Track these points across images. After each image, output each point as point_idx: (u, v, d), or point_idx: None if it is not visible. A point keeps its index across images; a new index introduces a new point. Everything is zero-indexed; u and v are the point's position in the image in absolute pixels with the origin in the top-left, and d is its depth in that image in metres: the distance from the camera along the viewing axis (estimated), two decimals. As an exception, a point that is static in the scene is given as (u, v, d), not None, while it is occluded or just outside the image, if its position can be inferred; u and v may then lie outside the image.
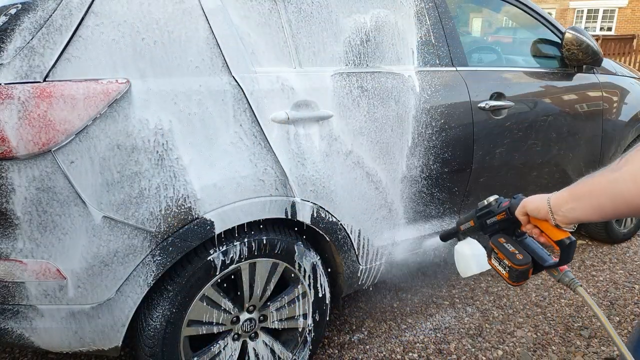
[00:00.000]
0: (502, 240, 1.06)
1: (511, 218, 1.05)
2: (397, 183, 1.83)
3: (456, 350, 2.00)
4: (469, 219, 1.18)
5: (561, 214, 0.90)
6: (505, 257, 1.03)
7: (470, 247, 1.30)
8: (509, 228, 1.07)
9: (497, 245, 1.06)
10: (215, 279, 1.50)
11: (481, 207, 1.14)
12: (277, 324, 1.71)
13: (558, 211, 0.90)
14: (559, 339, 2.09)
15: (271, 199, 1.52)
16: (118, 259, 1.32)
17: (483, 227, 1.13)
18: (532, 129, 2.22)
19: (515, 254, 1.02)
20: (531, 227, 1.00)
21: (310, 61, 1.61)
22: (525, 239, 1.06)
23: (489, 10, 2.21)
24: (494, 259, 1.08)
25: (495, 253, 1.07)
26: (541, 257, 1.01)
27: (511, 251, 1.03)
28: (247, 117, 1.45)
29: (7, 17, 1.22)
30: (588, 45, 2.32)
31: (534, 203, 0.96)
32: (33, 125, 1.18)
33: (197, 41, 1.38)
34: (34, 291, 1.30)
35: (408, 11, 1.87)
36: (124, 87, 1.26)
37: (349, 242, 1.76)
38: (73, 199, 1.25)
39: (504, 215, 1.07)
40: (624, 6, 19.06)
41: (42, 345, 1.37)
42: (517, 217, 1.02)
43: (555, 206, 0.91)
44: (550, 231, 0.95)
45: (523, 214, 1.00)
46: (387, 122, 1.74)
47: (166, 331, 1.45)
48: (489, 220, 1.11)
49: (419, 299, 2.38)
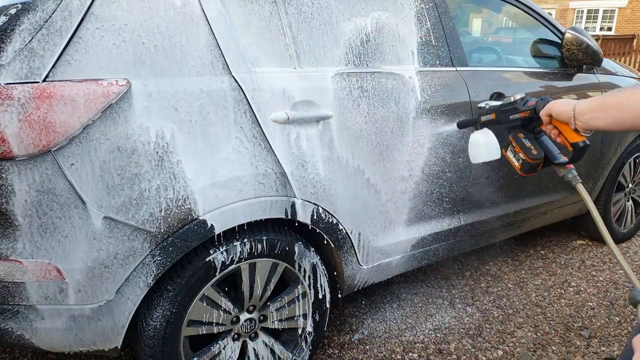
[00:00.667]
0: (521, 136, 1.18)
1: (534, 117, 1.15)
2: (397, 183, 1.83)
3: (456, 350, 2.00)
4: (491, 112, 1.28)
5: (583, 120, 0.99)
6: (521, 150, 1.16)
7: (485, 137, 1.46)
8: (528, 125, 1.18)
9: (515, 139, 1.19)
10: (215, 279, 1.50)
11: (506, 102, 1.23)
12: (277, 324, 1.71)
13: (581, 117, 1.00)
14: (559, 339, 2.09)
15: (271, 199, 1.52)
16: (118, 260, 1.32)
17: (504, 122, 1.23)
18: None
19: (531, 149, 1.15)
20: (551, 128, 1.10)
21: (310, 61, 1.61)
22: (542, 136, 1.17)
23: (489, 11, 2.21)
24: (510, 150, 1.21)
25: (512, 146, 1.19)
26: (553, 154, 1.14)
27: (528, 146, 1.16)
28: (248, 118, 1.45)
29: (7, 17, 1.22)
30: (588, 46, 2.32)
31: (560, 107, 1.05)
32: (33, 126, 1.18)
33: (198, 45, 1.38)
34: (34, 291, 1.30)
35: (408, 11, 1.87)
36: (123, 88, 1.26)
37: (349, 242, 1.76)
38: (73, 200, 1.25)
39: (528, 114, 1.17)
40: (624, 6, 19.06)
41: (42, 346, 1.37)
42: (541, 116, 1.11)
43: (579, 113, 1.00)
44: (568, 134, 1.07)
45: (547, 114, 1.09)
46: (387, 122, 1.74)
47: (166, 331, 1.45)
48: (512, 116, 1.20)
49: (419, 299, 2.38)
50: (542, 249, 3.00)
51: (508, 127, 1.21)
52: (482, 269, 2.71)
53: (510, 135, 1.20)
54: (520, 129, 1.19)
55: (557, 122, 1.07)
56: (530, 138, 1.17)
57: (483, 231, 2.25)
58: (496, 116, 1.25)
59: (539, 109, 1.12)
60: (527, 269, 2.73)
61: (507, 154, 1.22)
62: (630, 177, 2.97)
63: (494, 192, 2.20)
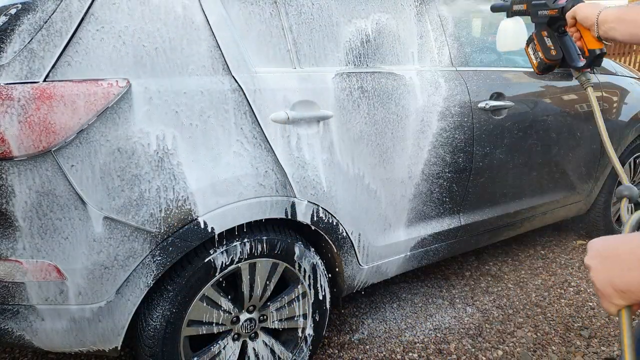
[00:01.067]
0: (544, 34, 1.20)
1: (560, 17, 1.16)
2: (397, 183, 1.83)
3: (456, 350, 2.00)
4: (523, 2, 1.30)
5: (604, 28, 1.02)
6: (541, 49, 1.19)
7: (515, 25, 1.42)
8: (554, 24, 1.19)
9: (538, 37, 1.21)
10: (215, 279, 1.50)
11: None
12: (277, 324, 1.71)
13: (602, 25, 1.03)
14: (559, 339, 2.09)
15: (271, 199, 1.52)
16: (118, 260, 1.32)
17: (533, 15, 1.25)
18: (532, 129, 2.22)
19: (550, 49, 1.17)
20: (574, 30, 1.13)
21: (310, 61, 1.61)
22: (565, 36, 1.19)
23: (489, 10, 2.21)
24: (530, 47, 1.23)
25: (534, 43, 1.21)
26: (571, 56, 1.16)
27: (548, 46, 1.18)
28: (248, 119, 1.45)
29: (7, 17, 1.22)
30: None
31: (586, 12, 1.08)
32: (32, 126, 1.18)
33: (199, 47, 1.38)
34: (34, 292, 1.30)
35: (408, 12, 1.87)
36: (123, 89, 1.26)
37: (349, 242, 1.76)
38: (73, 200, 1.25)
39: (555, 12, 1.18)
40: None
41: (42, 346, 1.37)
42: (567, 18, 1.14)
43: (602, 21, 1.03)
44: (588, 39, 1.09)
45: (572, 17, 1.12)
46: (387, 122, 1.74)
47: (166, 331, 1.45)
48: (541, 12, 1.22)
49: (419, 299, 2.38)
50: (542, 249, 3.00)
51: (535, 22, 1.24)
52: (482, 269, 2.71)
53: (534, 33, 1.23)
54: (546, 26, 1.21)
55: (580, 26, 1.10)
56: (553, 37, 1.19)
57: (483, 231, 2.25)
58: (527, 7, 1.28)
59: (567, 9, 1.14)
60: (527, 269, 2.73)
61: (527, 50, 1.25)
62: (631, 176, 2.97)
63: (494, 192, 2.20)
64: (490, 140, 2.06)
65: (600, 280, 0.60)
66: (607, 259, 0.59)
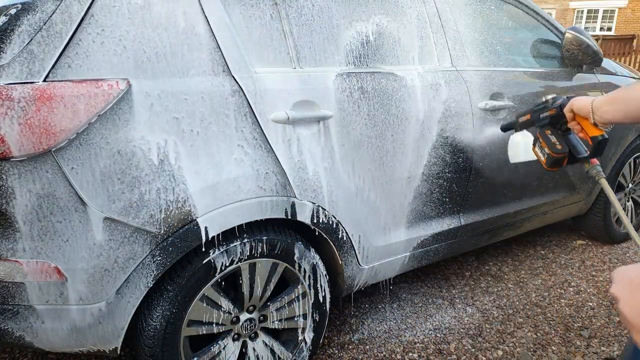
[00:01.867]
0: (548, 132, 1.26)
1: (560, 114, 1.23)
2: (398, 183, 1.83)
3: (456, 350, 2.00)
4: (526, 113, 1.37)
5: (599, 113, 1.08)
6: (546, 145, 1.24)
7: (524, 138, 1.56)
8: (557, 123, 1.26)
9: (542, 135, 1.27)
10: (215, 279, 1.50)
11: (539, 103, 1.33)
12: (277, 324, 1.71)
13: (597, 111, 1.08)
14: (559, 339, 2.09)
15: (271, 200, 1.52)
16: (118, 260, 1.32)
17: (536, 120, 1.32)
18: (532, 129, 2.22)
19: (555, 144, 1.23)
20: (574, 124, 1.19)
21: (311, 62, 1.61)
22: (569, 134, 1.25)
23: (489, 10, 2.21)
24: (537, 147, 1.29)
25: (539, 142, 1.27)
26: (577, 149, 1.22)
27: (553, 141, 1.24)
28: (248, 120, 1.45)
29: (7, 18, 1.22)
30: (588, 46, 2.33)
31: (581, 103, 1.15)
32: (32, 126, 1.18)
33: (200, 50, 1.38)
34: (34, 292, 1.30)
35: (409, 12, 1.87)
36: (123, 90, 1.26)
37: (349, 242, 1.76)
38: (74, 201, 1.25)
39: (554, 112, 1.25)
40: (624, 6, 19.06)
41: (42, 346, 1.37)
42: (565, 113, 1.20)
43: (596, 107, 1.09)
44: (588, 128, 1.15)
45: (570, 110, 1.18)
46: (387, 122, 1.74)
47: (166, 331, 1.45)
48: (542, 114, 1.29)
49: (419, 299, 2.38)
50: (542, 249, 3.00)
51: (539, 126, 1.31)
52: (482, 269, 2.71)
53: (538, 132, 1.29)
54: (549, 126, 1.27)
55: (579, 117, 1.16)
56: (556, 135, 1.25)
57: (483, 231, 2.25)
58: (530, 116, 1.35)
59: (564, 106, 1.21)
60: (527, 269, 2.73)
61: (534, 150, 1.31)
62: (630, 177, 2.98)
63: (494, 193, 2.20)
64: (491, 140, 2.06)
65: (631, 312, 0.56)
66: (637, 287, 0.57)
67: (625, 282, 0.58)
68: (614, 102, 1.04)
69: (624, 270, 0.60)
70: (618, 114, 1.03)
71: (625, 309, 0.57)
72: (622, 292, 0.58)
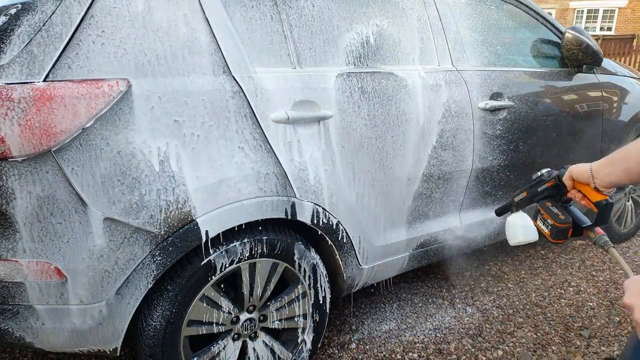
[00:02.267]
0: (549, 204, 1.22)
1: (559, 185, 1.19)
2: (398, 183, 1.83)
3: (456, 350, 2.01)
4: (522, 191, 1.33)
5: (599, 177, 1.05)
6: (549, 217, 1.19)
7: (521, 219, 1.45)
8: (556, 195, 1.22)
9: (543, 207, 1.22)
10: (215, 279, 1.50)
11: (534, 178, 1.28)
12: (277, 324, 1.71)
13: (597, 175, 1.05)
14: (559, 339, 2.09)
15: (272, 200, 1.52)
16: (118, 260, 1.32)
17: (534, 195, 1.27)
18: (532, 129, 2.22)
19: (558, 215, 1.18)
20: (575, 192, 1.15)
21: (311, 62, 1.61)
22: (570, 205, 1.20)
23: (489, 10, 2.21)
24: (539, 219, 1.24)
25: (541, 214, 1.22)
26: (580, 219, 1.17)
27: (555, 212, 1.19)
28: (249, 121, 1.45)
29: (7, 17, 1.22)
30: (588, 45, 2.33)
31: (579, 169, 1.12)
32: (32, 126, 1.18)
33: (201, 55, 1.38)
34: (34, 292, 1.30)
35: (409, 13, 1.87)
36: (123, 90, 1.26)
37: (349, 242, 1.76)
38: (74, 201, 1.25)
39: (553, 182, 1.21)
40: (624, 6, 19.06)
41: (42, 346, 1.37)
42: (564, 182, 1.16)
43: (595, 171, 1.06)
44: (590, 194, 1.10)
45: (569, 178, 1.15)
46: (387, 122, 1.74)
47: (166, 331, 1.45)
48: (540, 188, 1.24)
49: (419, 299, 2.38)
50: (542, 249, 3.00)
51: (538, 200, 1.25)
52: (482, 269, 2.71)
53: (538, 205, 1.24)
54: (549, 199, 1.23)
55: (579, 184, 1.13)
56: (557, 206, 1.20)
57: (483, 231, 2.25)
58: (527, 193, 1.30)
59: (562, 175, 1.17)
60: (527, 268, 2.73)
61: (537, 224, 1.25)
62: (630, 177, 2.97)
63: (494, 193, 2.20)
64: (490, 140, 2.06)
65: None
66: None
67: (638, 291, 0.59)
68: (614, 164, 1.01)
69: (637, 279, 0.60)
70: (620, 174, 1.00)
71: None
72: (636, 300, 0.58)
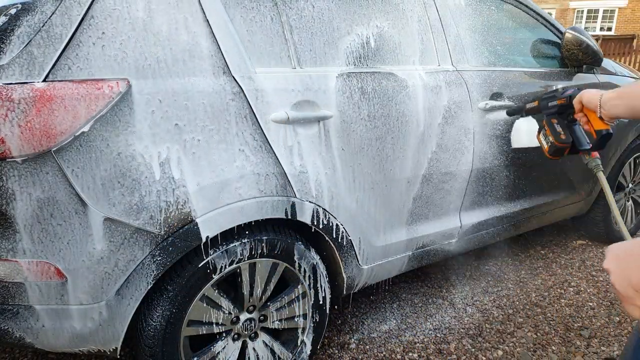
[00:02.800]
0: (554, 121, 1.29)
1: (569, 104, 1.25)
2: (398, 184, 1.83)
3: (456, 350, 2.01)
4: (534, 100, 1.40)
5: (606, 108, 1.11)
6: (551, 134, 1.27)
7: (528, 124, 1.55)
8: (563, 113, 1.28)
9: (548, 124, 1.29)
10: (215, 279, 1.50)
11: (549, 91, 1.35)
12: (277, 324, 1.71)
13: (605, 105, 1.12)
14: (559, 339, 2.09)
15: (272, 200, 1.52)
16: (118, 260, 1.32)
17: (544, 108, 1.34)
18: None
19: (560, 134, 1.25)
20: (581, 115, 1.22)
21: (311, 62, 1.61)
22: (574, 125, 1.27)
23: (489, 11, 2.21)
24: (542, 134, 1.31)
25: (544, 129, 1.30)
26: (580, 141, 1.25)
27: (558, 130, 1.26)
28: (249, 122, 1.45)
29: (6, 18, 1.22)
30: (588, 46, 2.33)
31: (590, 95, 1.18)
32: (32, 126, 1.18)
33: (201, 55, 1.38)
34: (34, 292, 1.30)
35: (409, 13, 1.87)
36: (123, 90, 1.26)
37: (349, 242, 1.76)
38: (73, 200, 1.25)
39: (564, 101, 1.27)
40: (624, 6, 19.06)
41: (42, 346, 1.37)
42: (574, 104, 1.23)
43: (604, 101, 1.12)
44: (594, 121, 1.18)
45: (579, 102, 1.21)
46: (387, 122, 1.74)
47: (166, 331, 1.45)
48: (550, 103, 1.31)
49: (419, 299, 2.38)
50: (542, 249, 3.00)
51: (546, 114, 1.32)
52: (482, 269, 2.71)
53: (544, 119, 1.31)
54: (556, 115, 1.29)
55: (586, 109, 1.19)
56: (562, 124, 1.27)
57: (483, 232, 2.25)
58: (538, 103, 1.37)
59: (574, 96, 1.23)
60: (527, 269, 2.73)
61: (539, 137, 1.33)
62: (630, 177, 2.98)
63: (494, 193, 2.20)
64: (490, 140, 2.06)
65: (619, 282, 0.62)
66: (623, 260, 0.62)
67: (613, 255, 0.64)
68: (622, 97, 1.07)
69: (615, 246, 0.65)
70: (625, 109, 1.06)
71: (615, 279, 0.62)
72: (611, 264, 0.63)
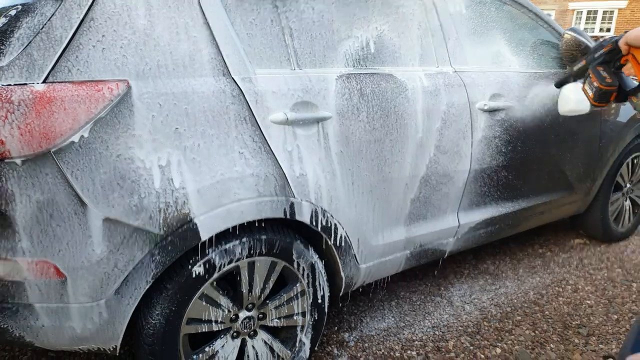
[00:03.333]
0: (600, 68, 1.29)
1: (615, 49, 1.26)
2: (397, 184, 1.84)
3: (454, 348, 2.01)
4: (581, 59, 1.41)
5: None
6: (596, 79, 1.26)
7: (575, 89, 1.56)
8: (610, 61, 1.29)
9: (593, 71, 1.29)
10: (215, 277, 1.51)
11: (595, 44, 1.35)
12: (276, 322, 1.72)
13: None
14: (557, 336, 2.10)
15: (271, 200, 1.52)
16: (117, 259, 1.33)
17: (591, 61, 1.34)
18: (531, 130, 2.23)
19: (605, 78, 1.25)
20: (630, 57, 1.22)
21: (311, 63, 1.62)
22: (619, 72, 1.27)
23: (489, 11, 2.22)
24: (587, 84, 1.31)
25: (589, 77, 1.29)
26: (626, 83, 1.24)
27: (603, 75, 1.26)
28: (248, 124, 1.46)
29: (6, 19, 1.23)
30: (587, 47, 2.34)
31: (636, 33, 1.19)
32: (31, 127, 1.18)
33: (201, 58, 1.39)
34: (33, 290, 1.30)
35: (408, 14, 1.88)
36: (122, 91, 1.26)
37: (348, 241, 1.77)
38: (73, 200, 1.26)
39: (610, 46, 1.28)
40: (624, 7, 19.07)
41: (42, 344, 1.38)
42: (620, 46, 1.23)
43: None
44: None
45: (625, 43, 1.22)
46: (386, 123, 1.75)
47: (165, 329, 1.45)
48: (597, 54, 1.32)
49: (417, 297, 2.39)
50: (540, 248, 3.01)
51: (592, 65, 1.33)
52: (480, 267, 2.72)
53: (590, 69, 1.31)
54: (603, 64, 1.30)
55: (633, 49, 1.20)
56: (608, 70, 1.27)
57: (481, 231, 2.26)
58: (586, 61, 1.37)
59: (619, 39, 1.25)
60: (525, 267, 2.74)
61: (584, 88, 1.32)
62: (628, 177, 2.99)
63: (493, 192, 2.21)
64: (489, 141, 2.07)
65: None
66: None
67: None
68: None
69: None
70: None
71: None
72: None
